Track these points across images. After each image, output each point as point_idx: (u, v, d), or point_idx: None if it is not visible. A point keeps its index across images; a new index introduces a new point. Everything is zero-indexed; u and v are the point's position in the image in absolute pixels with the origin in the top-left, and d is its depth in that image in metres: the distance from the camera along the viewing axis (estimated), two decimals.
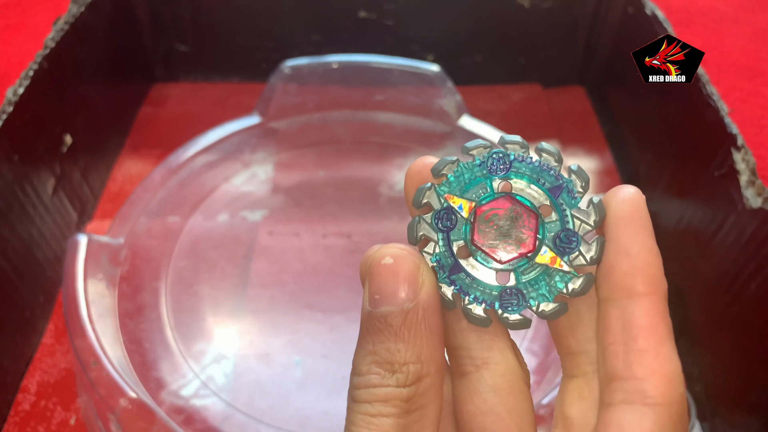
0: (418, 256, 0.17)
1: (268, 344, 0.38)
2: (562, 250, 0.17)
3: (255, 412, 0.34)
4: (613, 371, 0.16)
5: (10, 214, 0.36)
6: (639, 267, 0.16)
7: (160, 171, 0.44)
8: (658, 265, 0.17)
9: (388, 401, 0.16)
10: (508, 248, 0.17)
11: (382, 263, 0.17)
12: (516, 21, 0.56)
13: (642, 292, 0.16)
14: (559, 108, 0.57)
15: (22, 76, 0.38)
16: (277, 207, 0.46)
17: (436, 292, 0.17)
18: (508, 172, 0.18)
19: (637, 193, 0.17)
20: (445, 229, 0.18)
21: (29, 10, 0.52)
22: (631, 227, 0.17)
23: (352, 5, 0.55)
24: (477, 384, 0.18)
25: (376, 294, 0.17)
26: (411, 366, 0.16)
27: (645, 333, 0.16)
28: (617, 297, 0.17)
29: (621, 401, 0.16)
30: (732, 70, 0.46)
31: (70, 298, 0.34)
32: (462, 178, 0.18)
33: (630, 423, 0.16)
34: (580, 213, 0.17)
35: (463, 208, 0.18)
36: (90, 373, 0.31)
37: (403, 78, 0.49)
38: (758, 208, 0.32)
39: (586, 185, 0.18)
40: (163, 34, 0.57)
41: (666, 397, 0.16)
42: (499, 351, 0.18)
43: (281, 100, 0.49)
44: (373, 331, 0.17)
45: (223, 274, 0.42)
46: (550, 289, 0.17)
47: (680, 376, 0.16)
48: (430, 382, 0.17)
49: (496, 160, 0.18)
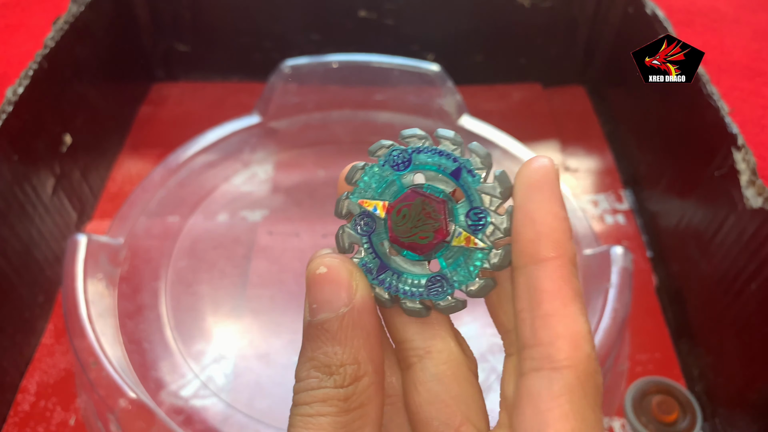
0: (350, 263, 0.18)
1: (268, 344, 0.38)
2: (474, 228, 0.17)
3: (255, 412, 0.34)
4: (523, 339, 0.16)
5: (9, 214, 0.36)
6: (543, 232, 0.16)
7: (160, 171, 0.44)
8: (563, 230, 0.16)
9: (326, 401, 0.17)
10: (424, 238, 0.18)
11: (317, 273, 0.17)
12: (516, 21, 0.56)
13: (546, 257, 0.16)
14: (560, 108, 0.57)
15: (21, 76, 0.38)
16: (277, 207, 0.46)
17: (370, 295, 0.17)
18: (410, 166, 0.18)
19: (548, 163, 0.17)
20: (366, 232, 0.18)
21: (29, 10, 0.52)
22: (537, 194, 0.17)
23: (352, 5, 0.55)
24: (421, 374, 0.18)
25: (314, 303, 0.17)
26: (348, 367, 0.17)
27: (549, 297, 0.16)
28: (524, 264, 0.17)
29: (531, 369, 0.16)
30: (732, 69, 0.46)
31: (69, 298, 0.34)
32: (372, 181, 0.18)
33: (539, 389, 0.15)
34: (485, 189, 0.18)
35: (378, 209, 0.18)
36: (89, 374, 0.31)
37: (403, 78, 0.49)
38: (759, 208, 0.32)
39: (485, 160, 0.18)
40: (162, 34, 0.57)
41: (572, 360, 0.15)
42: (441, 339, 0.19)
43: (281, 99, 0.49)
44: (312, 339, 0.17)
45: (223, 274, 0.42)
46: (471, 268, 0.18)
47: (587, 336, 0.16)
48: (368, 382, 0.17)
49: (396, 157, 0.18)
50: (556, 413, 0.15)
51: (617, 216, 0.47)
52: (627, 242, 0.45)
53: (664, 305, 0.41)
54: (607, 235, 0.46)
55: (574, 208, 0.43)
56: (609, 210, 0.48)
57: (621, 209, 0.48)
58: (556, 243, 0.16)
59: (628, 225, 0.46)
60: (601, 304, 0.35)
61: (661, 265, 0.43)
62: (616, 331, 0.34)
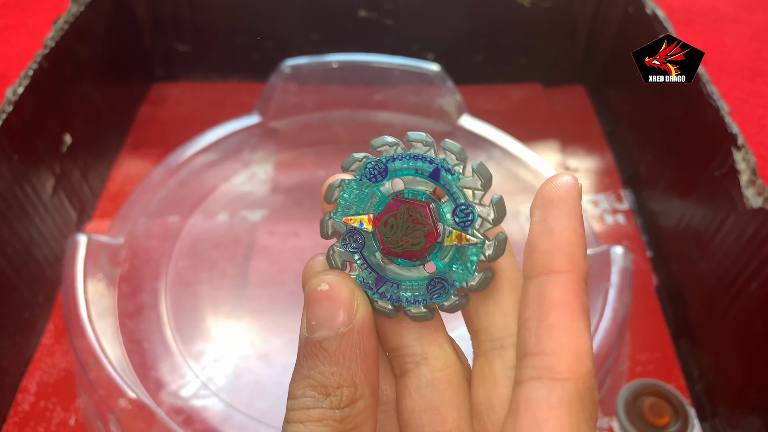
0: (351, 281, 0.18)
1: (268, 344, 0.38)
2: (463, 225, 0.17)
3: (255, 412, 0.34)
4: (526, 347, 0.16)
5: (9, 214, 0.36)
6: (559, 245, 0.17)
7: (160, 171, 0.44)
8: (579, 246, 0.17)
9: (322, 421, 0.16)
10: (416, 245, 0.18)
11: (318, 290, 0.17)
12: (516, 20, 0.56)
13: (559, 270, 0.16)
14: (560, 108, 0.57)
15: (21, 76, 0.38)
16: (277, 207, 0.46)
17: (370, 316, 0.17)
18: (387, 175, 0.18)
19: (572, 180, 0.17)
20: (357, 249, 0.18)
21: (29, 10, 0.52)
22: (558, 210, 0.17)
23: (352, 5, 0.55)
24: (416, 380, 0.18)
25: (313, 320, 0.17)
26: (345, 390, 0.16)
27: (557, 309, 0.16)
28: (536, 274, 0.17)
29: (530, 377, 0.16)
30: (732, 69, 0.46)
31: (69, 298, 0.34)
32: (352, 197, 0.18)
33: (538, 398, 0.16)
34: (466, 183, 0.18)
35: (364, 224, 0.18)
36: (89, 374, 0.31)
37: (403, 77, 0.49)
38: (759, 207, 0.32)
39: (460, 155, 0.18)
40: (162, 34, 0.57)
41: (573, 372, 0.16)
42: (438, 345, 0.19)
43: (281, 99, 0.49)
44: (309, 356, 0.17)
45: (223, 274, 0.42)
46: (468, 264, 0.18)
47: (589, 352, 0.16)
48: (364, 404, 0.17)
49: (371, 168, 0.18)
50: (552, 424, 0.15)
51: (617, 216, 0.47)
52: (627, 242, 0.45)
53: (664, 305, 0.41)
54: (607, 235, 0.46)
55: None
56: (609, 210, 0.48)
57: (621, 209, 0.48)
58: (571, 257, 0.17)
59: (628, 225, 0.46)
60: (601, 304, 0.35)
61: (661, 265, 0.43)
62: (616, 331, 0.34)
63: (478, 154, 0.48)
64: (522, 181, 0.46)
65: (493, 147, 0.47)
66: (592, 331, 0.34)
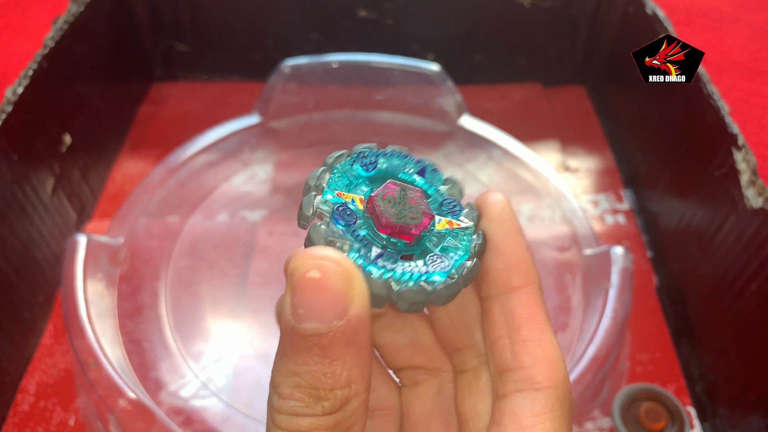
0: (347, 267, 0.15)
1: (268, 344, 0.38)
2: (452, 214, 0.19)
3: (255, 412, 0.34)
4: (503, 363, 0.17)
5: (9, 214, 0.36)
6: (513, 263, 0.18)
7: (160, 171, 0.44)
8: (529, 260, 0.18)
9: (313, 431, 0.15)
10: (416, 218, 0.18)
11: (308, 277, 0.15)
12: (516, 20, 0.56)
13: (518, 286, 0.18)
14: (560, 107, 0.57)
15: (21, 76, 0.38)
16: (277, 207, 0.46)
17: (367, 306, 0.15)
18: (376, 167, 0.19)
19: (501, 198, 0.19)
20: (349, 223, 0.17)
21: (28, 10, 0.52)
22: (501, 227, 0.18)
23: (352, 4, 0.55)
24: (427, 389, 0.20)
25: (301, 308, 0.15)
26: (339, 392, 0.15)
27: (526, 323, 0.17)
28: (497, 293, 0.18)
29: (513, 390, 0.17)
30: (732, 69, 0.46)
31: (69, 298, 0.34)
32: (342, 180, 0.18)
33: (522, 409, 0.16)
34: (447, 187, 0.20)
35: (356, 202, 0.18)
36: (89, 374, 0.31)
37: (403, 77, 0.49)
38: (759, 208, 0.32)
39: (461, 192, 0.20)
40: (162, 34, 0.57)
41: (552, 380, 0.17)
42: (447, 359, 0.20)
43: (281, 99, 0.49)
44: (298, 351, 0.15)
45: (223, 274, 0.42)
46: (463, 243, 0.18)
47: (562, 359, 0.17)
48: (357, 403, 0.15)
49: (363, 157, 0.19)
50: (538, 429, 0.16)
51: (617, 216, 0.47)
52: (627, 242, 0.45)
53: (664, 305, 0.41)
54: (607, 235, 0.46)
55: (574, 209, 0.43)
56: (609, 210, 0.48)
57: (621, 209, 0.48)
58: (525, 272, 0.18)
59: (628, 225, 0.46)
60: (602, 304, 0.35)
61: (662, 265, 0.43)
62: (617, 331, 0.34)
63: (478, 154, 0.48)
64: (522, 181, 0.46)
65: (493, 147, 0.47)
66: (593, 331, 0.34)
